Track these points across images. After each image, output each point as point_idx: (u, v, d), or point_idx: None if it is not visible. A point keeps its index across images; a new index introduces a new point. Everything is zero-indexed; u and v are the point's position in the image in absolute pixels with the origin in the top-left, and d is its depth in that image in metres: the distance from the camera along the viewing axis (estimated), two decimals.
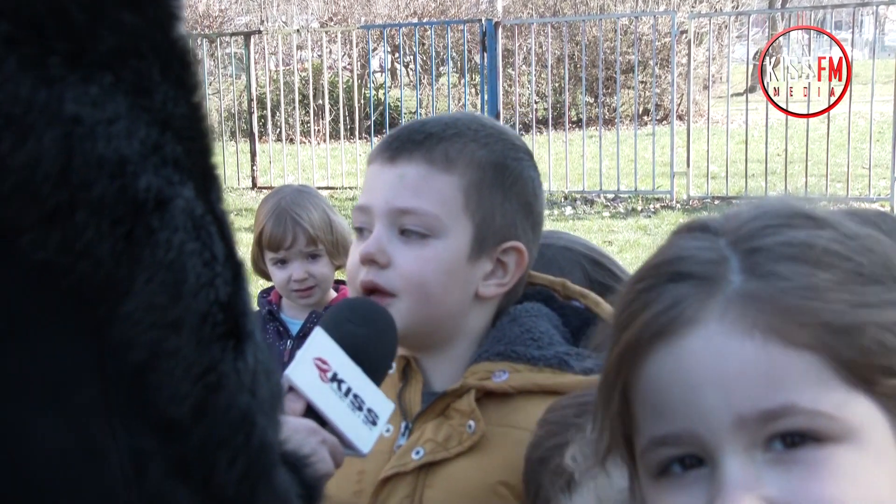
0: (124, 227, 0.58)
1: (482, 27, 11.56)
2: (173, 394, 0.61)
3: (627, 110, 14.45)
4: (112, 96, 0.58)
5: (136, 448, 0.61)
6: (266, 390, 0.67)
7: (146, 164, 0.59)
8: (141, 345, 0.60)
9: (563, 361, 1.35)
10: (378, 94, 14.75)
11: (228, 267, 0.64)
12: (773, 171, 10.88)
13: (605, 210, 10.57)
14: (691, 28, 11.43)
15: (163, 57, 0.61)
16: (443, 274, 1.36)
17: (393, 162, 1.38)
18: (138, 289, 0.59)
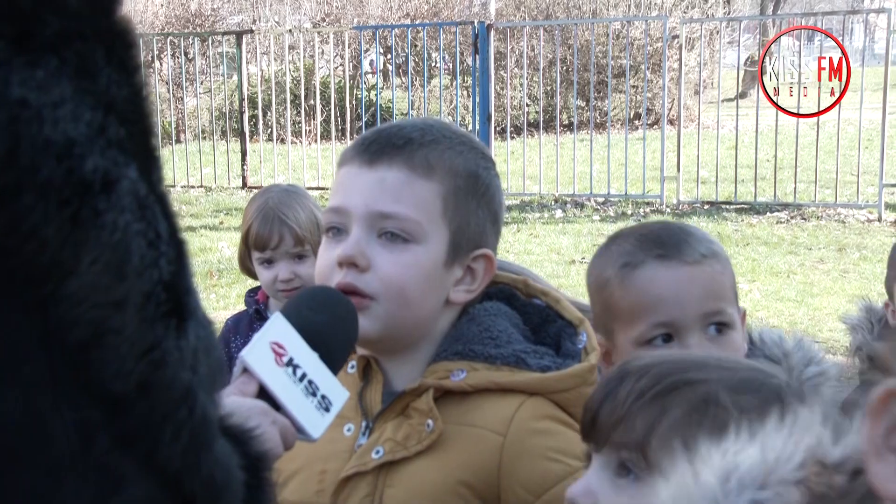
0: (71, 209, 0.58)
1: (474, 29, 11.58)
2: (118, 370, 0.63)
3: (618, 114, 14.48)
4: (57, 80, 0.58)
5: (83, 421, 0.62)
6: (206, 367, 0.69)
7: (92, 146, 0.59)
8: (84, 323, 0.61)
9: (521, 359, 1.37)
10: (370, 95, 14.74)
11: (172, 245, 0.65)
12: (763, 177, 10.92)
13: (595, 214, 10.59)
14: (683, 33, 11.46)
15: (106, 40, 0.62)
16: (422, 280, 1.37)
17: (371, 165, 1.38)
18: (83, 269, 0.60)
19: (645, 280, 1.57)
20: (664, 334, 1.55)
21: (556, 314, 1.45)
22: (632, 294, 1.57)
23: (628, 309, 1.57)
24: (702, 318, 1.55)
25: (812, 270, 8.15)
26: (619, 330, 1.59)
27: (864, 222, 9.88)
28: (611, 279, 1.59)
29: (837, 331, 6.48)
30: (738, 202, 10.61)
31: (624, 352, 1.59)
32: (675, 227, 1.70)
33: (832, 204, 10.29)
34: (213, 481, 0.71)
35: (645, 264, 1.58)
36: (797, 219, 10.11)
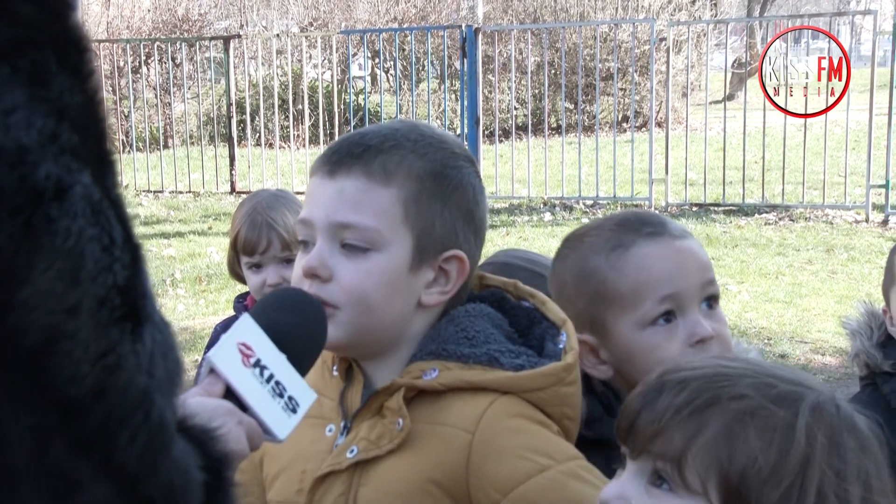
0: (23, 216, 0.58)
1: (462, 33, 11.59)
2: (72, 375, 0.62)
3: (606, 117, 14.51)
4: (10, 87, 0.58)
5: (38, 427, 0.62)
6: (163, 370, 0.68)
7: (45, 152, 0.59)
8: (38, 329, 0.61)
9: (494, 358, 1.36)
10: (358, 100, 14.74)
11: (127, 250, 0.65)
12: (751, 179, 10.96)
13: (584, 216, 10.60)
14: (670, 36, 11.49)
15: (59, 46, 0.62)
16: (384, 286, 1.37)
17: (332, 176, 1.39)
18: (36, 276, 0.60)
19: (642, 257, 1.56)
20: (666, 312, 1.55)
21: (542, 315, 1.45)
22: (631, 274, 1.56)
23: (628, 290, 1.56)
24: (700, 288, 1.57)
25: (800, 271, 8.18)
26: (617, 317, 1.57)
27: (851, 223, 9.92)
28: (600, 266, 1.58)
29: (826, 332, 6.51)
30: (727, 204, 10.64)
31: (623, 340, 1.57)
32: (645, 212, 1.72)
33: (820, 205, 10.33)
34: (172, 485, 0.70)
35: (636, 244, 1.57)
36: (785, 220, 10.15)
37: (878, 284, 2.50)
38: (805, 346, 6.26)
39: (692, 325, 1.56)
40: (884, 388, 2.32)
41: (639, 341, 1.57)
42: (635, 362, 1.57)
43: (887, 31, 10.64)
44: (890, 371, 2.31)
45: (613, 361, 1.60)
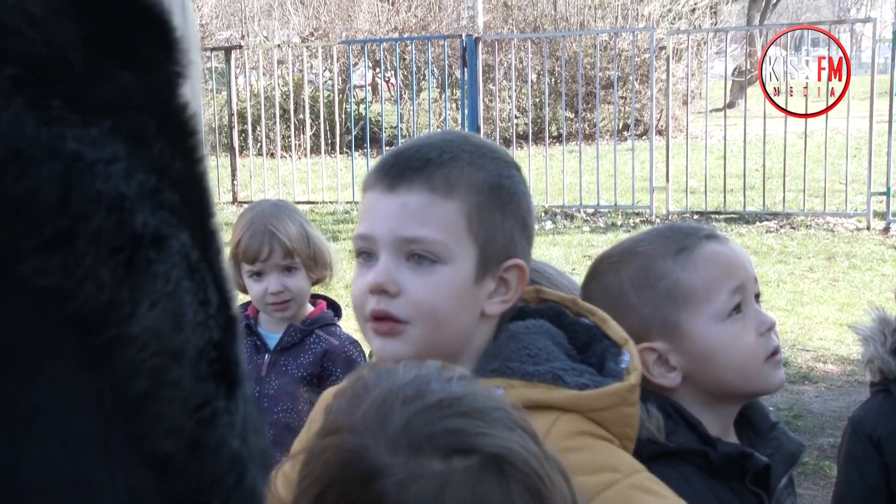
0: (124, 256, 0.59)
1: (463, 42, 11.61)
2: (170, 427, 0.62)
3: (607, 125, 14.53)
4: (111, 140, 0.60)
5: (133, 487, 0.61)
6: (255, 444, 0.68)
7: (143, 204, 0.61)
8: (145, 372, 0.61)
9: (558, 377, 1.35)
10: (359, 109, 14.76)
11: (221, 315, 0.65)
12: (752, 186, 10.97)
13: (584, 224, 10.61)
14: (670, 44, 11.52)
15: (158, 116, 0.63)
16: (452, 299, 1.37)
17: (393, 190, 1.38)
18: (142, 313, 0.60)
19: (709, 254, 1.63)
20: (737, 304, 1.61)
21: (603, 334, 1.44)
22: (703, 270, 1.61)
23: (703, 286, 1.60)
24: (754, 281, 1.66)
25: (801, 279, 8.18)
26: (692, 315, 1.60)
27: (852, 231, 9.92)
28: (670, 268, 1.62)
29: (828, 339, 6.51)
30: (728, 212, 10.65)
31: (701, 337, 1.60)
32: (683, 222, 1.80)
33: (821, 213, 10.34)
34: None
35: (700, 244, 1.64)
36: (786, 228, 10.15)
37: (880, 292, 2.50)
38: (807, 353, 6.26)
39: (757, 314, 1.64)
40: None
41: (718, 335, 1.61)
42: (715, 358, 1.61)
43: (887, 38, 10.65)
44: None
45: (685, 365, 1.62)
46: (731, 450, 1.58)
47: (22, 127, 0.57)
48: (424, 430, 0.98)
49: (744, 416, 1.69)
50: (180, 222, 0.63)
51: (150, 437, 0.61)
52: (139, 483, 0.61)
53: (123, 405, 0.60)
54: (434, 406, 1.00)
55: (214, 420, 0.64)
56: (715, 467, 1.56)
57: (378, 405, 1.01)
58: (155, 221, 0.61)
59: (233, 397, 0.65)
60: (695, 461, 1.56)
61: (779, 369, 1.66)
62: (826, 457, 4.65)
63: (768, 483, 1.58)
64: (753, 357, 1.62)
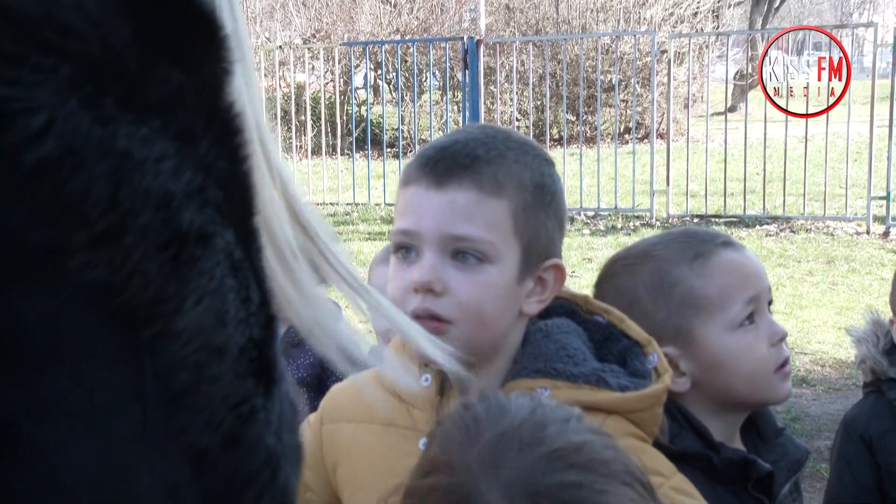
0: (170, 252, 0.61)
1: (464, 45, 11.63)
2: (209, 421, 0.63)
3: (608, 128, 14.54)
4: (161, 138, 0.61)
5: (171, 479, 0.62)
6: (290, 441, 0.69)
7: (189, 202, 0.62)
8: (188, 367, 0.62)
9: (601, 378, 1.35)
10: (361, 111, 14.77)
11: (262, 313, 0.67)
12: (752, 190, 10.98)
13: (585, 227, 10.62)
14: (671, 48, 11.53)
15: (206, 114, 0.65)
16: (498, 300, 1.36)
17: (440, 187, 1.36)
18: (188, 309, 0.61)
19: (726, 262, 1.62)
20: (750, 314, 1.61)
21: (621, 333, 1.44)
22: (719, 279, 1.61)
23: (717, 294, 1.60)
24: (768, 291, 1.66)
25: (801, 283, 8.19)
26: (705, 323, 1.60)
27: (852, 235, 9.93)
28: (685, 274, 1.61)
29: (826, 343, 6.51)
30: (728, 215, 10.66)
31: (713, 345, 1.60)
32: (698, 227, 1.79)
33: (821, 217, 10.34)
34: None
35: (716, 252, 1.63)
36: (786, 231, 10.16)
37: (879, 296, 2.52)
38: (805, 357, 6.27)
39: (770, 324, 1.64)
40: (889, 394, 2.34)
41: (730, 344, 1.61)
42: (726, 366, 1.61)
43: (889, 42, 10.66)
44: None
45: (695, 371, 1.62)
46: (735, 455, 1.59)
47: (77, 126, 0.58)
48: (541, 482, 0.94)
49: (751, 421, 1.70)
50: (224, 221, 0.64)
51: (188, 431, 0.62)
52: (176, 476, 0.62)
53: (163, 399, 0.61)
54: (551, 456, 0.96)
55: (252, 417, 0.65)
56: (718, 472, 1.57)
57: (492, 447, 0.97)
58: (201, 219, 0.62)
59: (270, 396, 0.66)
60: (698, 465, 1.57)
61: (787, 381, 1.66)
62: (823, 459, 4.66)
63: (771, 489, 1.59)
64: (763, 368, 1.62)
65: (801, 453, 1.68)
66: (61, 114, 0.58)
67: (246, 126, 0.68)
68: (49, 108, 0.58)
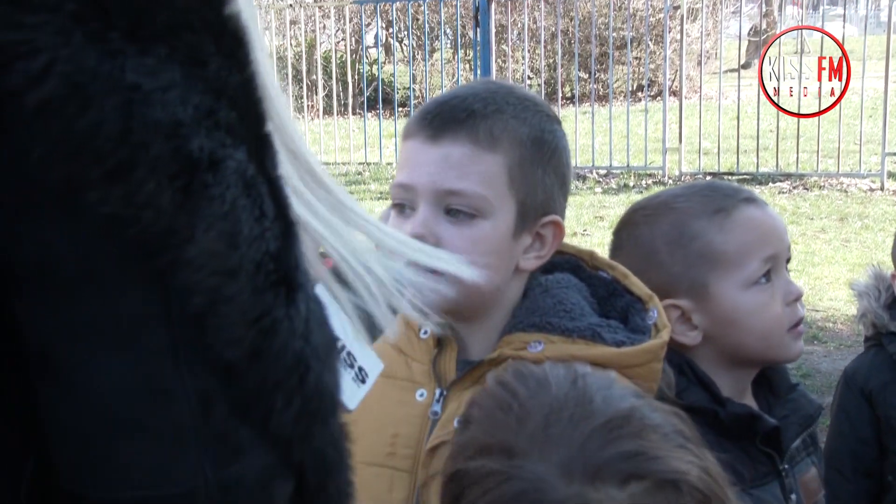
0: (181, 182, 0.63)
1: (475, 2, 11.53)
2: (230, 337, 0.65)
3: (621, 86, 14.44)
4: (167, 66, 0.62)
5: (201, 389, 0.65)
6: (319, 338, 0.71)
7: (199, 127, 0.63)
8: (202, 290, 0.64)
9: (597, 333, 1.36)
10: (372, 70, 14.70)
11: (278, 224, 0.68)
12: (765, 147, 10.91)
13: (597, 186, 10.59)
14: (684, 4, 11.40)
15: (215, 32, 0.66)
16: (490, 254, 1.37)
17: (436, 141, 1.37)
18: (199, 237, 0.63)
19: (747, 219, 1.62)
20: (767, 272, 1.62)
21: (624, 288, 1.44)
22: (738, 235, 1.61)
23: (735, 251, 1.60)
24: (787, 249, 1.67)
25: (813, 240, 8.17)
26: (720, 278, 1.61)
27: (866, 191, 9.88)
28: (705, 228, 1.61)
29: (838, 300, 6.52)
30: (741, 173, 10.60)
31: (726, 301, 1.61)
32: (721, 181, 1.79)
33: (834, 173, 10.28)
34: (325, 457, 0.72)
35: (738, 207, 1.63)
36: (799, 189, 10.11)
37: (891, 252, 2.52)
38: (817, 314, 6.27)
39: (786, 283, 1.65)
40: (890, 347, 2.36)
41: (744, 301, 1.61)
42: (739, 323, 1.62)
43: None
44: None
45: (708, 326, 1.63)
46: (741, 410, 1.60)
47: (83, 62, 0.59)
48: (598, 456, 0.93)
49: (764, 376, 1.71)
50: (236, 139, 0.66)
51: (212, 347, 0.65)
52: (207, 386, 0.65)
53: (187, 319, 0.64)
54: (604, 427, 0.95)
55: (275, 328, 0.67)
56: (725, 426, 1.58)
57: (543, 426, 0.96)
58: (211, 144, 0.64)
59: (293, 302, 0.68)
60: (705, 419, 1.57)
61: (799, 340, 1.68)
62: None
63: (780, 444, 1.60)
64: (777, 326, 1.63)
65: (815, 408, 1.69)
66: (64, 52, 0.59)
67: (252, 35, 0.69)
68: (51, 49, 0.59)
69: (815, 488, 1.69)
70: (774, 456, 1.60)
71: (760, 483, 1.59)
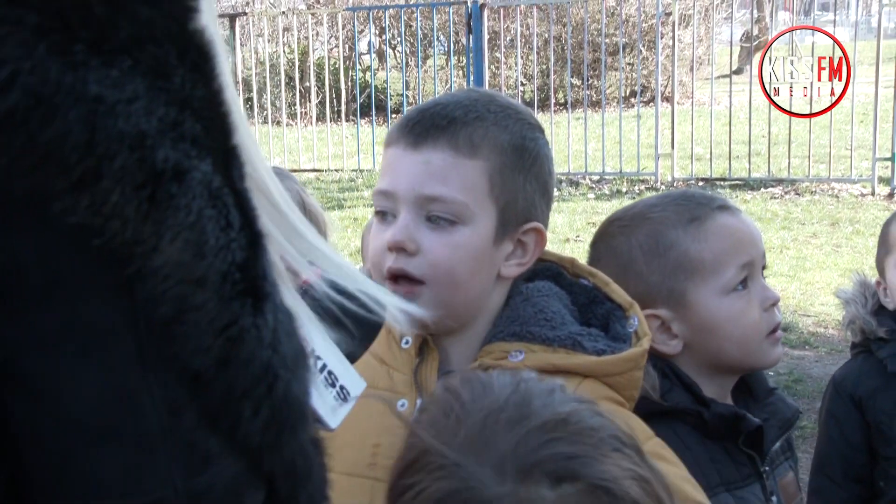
0: (146, 192, 0.63)
1: (468, 9, 11.56)
2: (197, 346, 0.66)
3: (614, 92, 14.48)
4: (131, 78, 0.63)
5: (170, 398, 0.65)
6: (288, 348, 0.71)
7: (164, 139, 0.64)
8: (169, 300, 0.64)
9: (577, 342, 1.36)
10: (365, 76, 14.71)
11: (244, 235, 0.69)
12: (757, 153, 10.95)
13: (590, 192, 10.62)
14: (676, 10, 11.45)
15: (179, 45, 0.66)
16: (471, 260, 1.37)
17: (416, 147, 1.37)
18: (164, 246, 0.64)
19: (721, 227, 1.64)
20: (744, 279, 1.63)
21: (605, 296, 1.45)
22: (713, 243, 1.62)
23: (711, 259, 1.62)
24: (762, 256, 1.68)
25: (805, 245, 8.20)
26: (698, 287, 1.62)
27: (857, 196, 9.91)
28: (680, 238, 1.63)
29: (829, 305, 6.53)
30: (733, 178, 10.63)
31: (705, 309, 1.62)
32: (695, 190, 1.79)
33: (826, 179, 10.32)
34: (294, 467, 0.72)
35: (712, 216, 1.65)
36: (791, 194, 10.15)
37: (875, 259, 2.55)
38: (808, 319, 6.30)
39: (762, 289, 1.66)
40: (879, 353, 2.37)
41: (722, 308, 1.62)
42: (717, 330, 1.63)
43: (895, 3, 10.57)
44: (885, 337, 2.37)
45: (687, 334, 1.64)
46: (725, 410, 1.61)
47: (46, 74, 0.60)
48: (532, 456, 0.94)
49: (742, 381, 1.72)
50: (202, 151, 0.66)
51: (179, 356, 0.65)
52: (175, 395, 0.65)
53: (154, 329, 0.65)
54: (540, 429, 0.96)
55: (242, 337, 0.67)
56: (709, 427, 1.59)
57: (480, 427, 0.97)
58: (176, 155, 0.64)
59: (261, 311, 0.69)
60: (689, 421, 1.59)
61: (777, 346, 1.68)
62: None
63: (762, 445, 1.61)
64: (755, 332, 1.64)
65: (792, 412, 1.70)
66: (26, 65, 0.60)
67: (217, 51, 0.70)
68: (13, 61, 0.59)
69: (793, 492, 1.70)
70: (755, 457, 1.62)
71: (743, 484, 1.60)
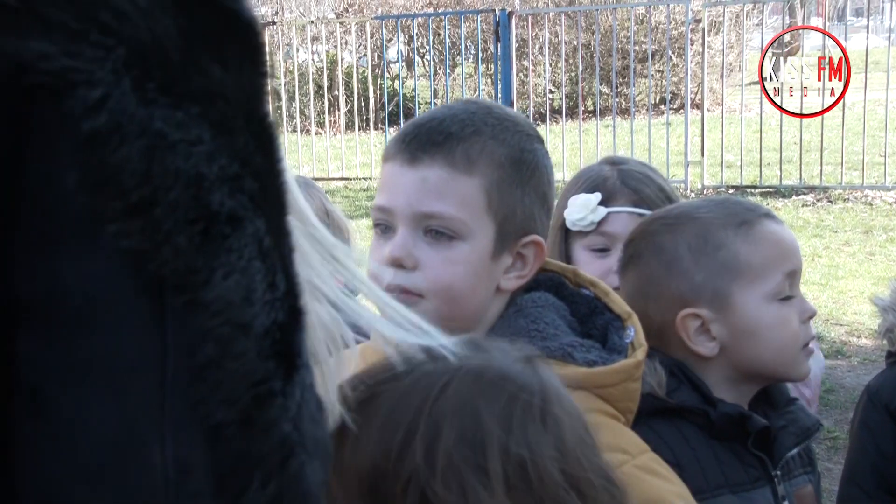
0: (199, 226, 0.63)
1: (496, 17, 11.56)
2: (228, 396, 0.64)
3: (643, 99, 14.42)
4: (198, 124, 0.64)
5: (181, 458, 0.63)
6: (310, 432, 0.70)
7: (222, 185, 0.64)
8: (214, 339, 0.64)
9: (568, 354, 1.35)
10: (394, 85, 14.75)
11: (287, 301, 0.68)
12: (789, 160, 10.85)
13: None
14: (705, 17, 11.38)
15: (246, 112, 0.67)
16: (470, 276, 1.37)
17: (413, 164, 1.37)
18: (217, 281, 0.64)
19: (770, 233, 1.63)
20: (787, 288, 1.62)
21: (605, 306, 1.44)
22: (763, 247, 1.61)
23: (760, 263, 1.60)
24: (801, 268, 1.67)
25: (837, 253, 8.10)
26: (743, 289, 1.60)
27: (891, 204, 9.79)
28: (730, 239, 1.61)
29: (862, 314, 6.45)
30: (764, 186, 10.54)
31: (749, 312, 1.60)
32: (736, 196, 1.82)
33: (859, 186, 10.20)
34: None
35: (761, 221, 1.64)
36: (823, 201, 10.04)
37: None
38: (840, 328, 6.21)
39: (801, 301, 1.65)
40: None
41: (766, 315, 1.61)
42: (758, 336, 1.61)
43: None
44: None
45: (726, 338, 1.62)
46: (731, 410, 1.59)
47: (125, 104, 0.62)
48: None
49: (763, 390, 1.70)
50: (257, 210, 0.66)
51: (206, 403, 0.64)
52: (188, 453, 0.64)
53: (186, 370, 0.63)
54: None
55: (270, 399, 0.66)
56: (715, 427, 1.57)
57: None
58: (232, 203, 0.65)
59: (290, 381, 0.67)
60: (695, 420, 1.57)
61: (809, 359, 1.67)
62: None
63: (772, 447, 1.59)
64: (794, 343, 1.62)
65: (813, 422, 1.68)
66: (116, 91, 0.62)
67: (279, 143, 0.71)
68: (106, 85, 0.62)
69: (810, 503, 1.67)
70: (766, 460, 1.59)
71: (751, 486, 1.57)
